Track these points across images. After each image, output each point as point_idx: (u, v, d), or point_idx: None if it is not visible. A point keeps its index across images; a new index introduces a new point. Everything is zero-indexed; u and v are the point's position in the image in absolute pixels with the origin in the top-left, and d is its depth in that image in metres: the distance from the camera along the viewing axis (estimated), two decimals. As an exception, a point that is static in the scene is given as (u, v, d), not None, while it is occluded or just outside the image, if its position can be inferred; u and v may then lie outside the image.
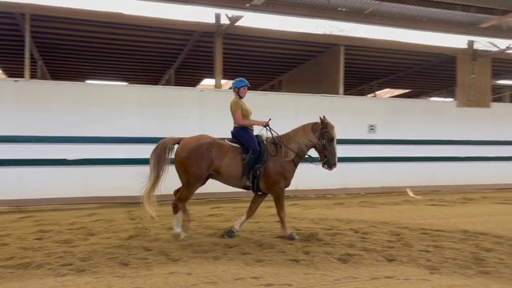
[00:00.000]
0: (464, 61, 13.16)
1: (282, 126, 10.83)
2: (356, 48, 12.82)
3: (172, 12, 10.04)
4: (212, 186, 10.21)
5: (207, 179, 6.16)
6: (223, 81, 17.61)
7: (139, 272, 4.49)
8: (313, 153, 6.27)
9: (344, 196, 11.16)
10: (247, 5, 8.19)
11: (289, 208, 9.05)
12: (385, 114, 12.19)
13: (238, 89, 6.31)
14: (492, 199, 10.70)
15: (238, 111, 6.18)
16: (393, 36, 12.33)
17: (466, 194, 11.67)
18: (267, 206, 9.06)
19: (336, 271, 4.60)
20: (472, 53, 13.18)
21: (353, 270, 4.62)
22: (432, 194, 11.78)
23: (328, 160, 6.05)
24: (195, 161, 5.82)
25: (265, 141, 6.18)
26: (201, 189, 9.98)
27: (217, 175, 6.04)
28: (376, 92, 19.93)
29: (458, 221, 7.61)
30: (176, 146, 6.08)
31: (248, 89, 6.46)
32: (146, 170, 9.75)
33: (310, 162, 6.31)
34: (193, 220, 7.53)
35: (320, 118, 6.14)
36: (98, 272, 4.46)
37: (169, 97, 10.28)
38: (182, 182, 6.01)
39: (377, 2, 10.12)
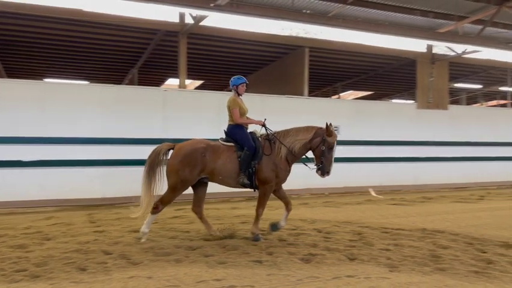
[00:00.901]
0: (423, 64, 13.60)
1: (249, 125, 10.89)
2: (320, 51, 12.99)
3: (134, 10, 9.85)
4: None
5: (205, 183, 6.14)
6: (187, 81, 17.48)
7: (97, 277, 4.34)
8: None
9: (308, 196, 11.26)
10: (212, 4, 8.13)
11: (253, 209, 9.04)
12: (349, 116, 12.40)
13: (237, 86, 6.27)
14: (450, 198, 11.08)
15: (236, 109, 6.12)
16: (356, 39, 12.59)
17: (426, 193, 12.05)
18: (232, 207, 9.07)
19: (298, 271, 4.61)
20: (431, 57, 13.64)
21: (315, 270, 4.65)
22: (393, 193, 12.08)
23: (323, 167, 6.03)
24: (187, 166, 5.77)
25: (259, 138, 6.17)
26: (164, 191, 9.98)
27: (212, 177, 6.00)
28: (340, 94, 20.30)
29: (418, 220, 7.83)
30: (171, 152, 6.06)
31: (218, 89, 6.41)
32: (107, 171, 9.63)
33: (304, 163, 6.28)
34: (156, 222, 7.40)
35: (326, 124, 6.08)
36: (53, 278, 4.28)
37: (132, 97, 10.05)
38: (168, 185, 5.91)
39: (341, 5, 10.31)
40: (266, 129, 6.25)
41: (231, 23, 10.99)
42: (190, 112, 10.40)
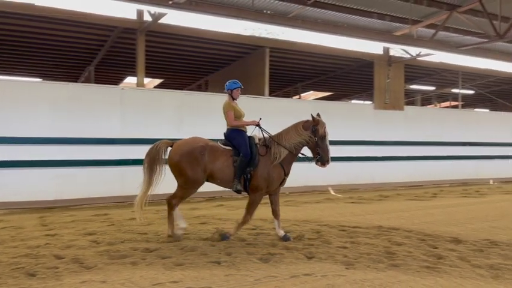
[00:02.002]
0: (380, 66, 13.99)
1: (209, 127, 10.80)
2: (281, 51, 13.08)
3: (91, 6, 9.56)
4: (134, 188, 9.90)
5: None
6: (147, 80, 17.15)
7: (47, 282, 4.16)
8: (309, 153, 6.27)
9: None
10: (170, 2, 8.00)
11: (215, 209, 9.00)
12: (309, 116, 12.53)
13: (231, 90, 6.26)
14: (405, 196, 11.45)
15: (231, 112, 6.11)
16: (316, 40, 12.77)
17: (382, 191, 12.40)
18: (192, 208, 8.96)
19: (257, 271, 4.61)
20: (388, 59, 14.05)
21: (273, 269, 4.66)
22: (352, 192, 12.35)
23: (321, 157, 6.03)
24: (188, 164, 5.76)
25: (258, 144, 6.12)
26: (122, 192, 9.74)
27: (211, 178, 5.97)
28: (301, 94, 20.53)
29: (374, 218, 8.03)
30: (169, 149, 6.03)
31: (179, 88, 6.31)
32: (61, 172, 9.27)
33: (304, 160, 6.29)
34: (112, 224, 7.21)
35: (312, 115, 6.10)
36: (1, 285, 4.07)
37: (87, 95, 9.72)
38: (178, 183, 5.96)
39: (301, 6, 10.42)
40: (261, 131, 6.21)
41: (191, 21, 10.88)
42: (149, 111, 10.19)
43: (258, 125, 6.23)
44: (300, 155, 6.27)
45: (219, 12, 8.56)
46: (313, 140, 6.00)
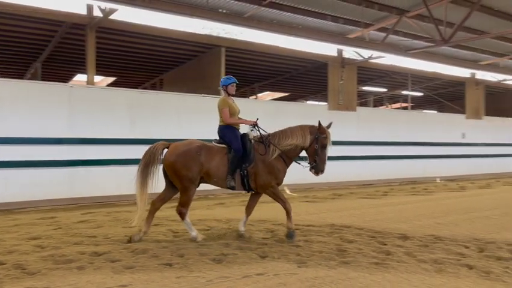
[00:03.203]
0: (334, 68, 14.29)
1: (163, 126, 10.61)
2: (237, 51, 13.05)
3: (36, -1, 9.10)
4: (83, 189, 9.55)
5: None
6: (99, 78, 16.61)
7: (-17, 291, 3.90)
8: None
9: (225, 196, 11.24)
10: (122, -3, 7.78)
11: (169, 210, 8.79)
12: (265, 116, 12.48)
13: (226, 86, 6.19)
14: (357, 194, 11.76)
15: (226, 108, 6.02)
16: (272, 41, 12.84)
17: (336, 190, 12.67)
18: (145, 210, 8.72)
19: (209, 272, 4.55)
20: (341, 61, 14.38)
21: (226, 270, 4.62)
22: (307, 191, 12.52)
23: (317, 165, 5.99)
24: (183, 164, 5.71)
25: (252, 140, 5.99)
26: (71, 194, 9.36)
27: (208, 178, 5.91)
28: (258, 95, 20.62)
29: (327, 216, 8.18)
30: (165, 151, 5.97)
31: (132, 87, 6.11)
32: (5, 174, 8.76)
33: (298, 163, 6.22)
34: (59, 228, 6.89)
35: (319, 123, 6.08)
36: None
37: (32, 93, 9.24)
38: (178, 187, 5.88)
39: (256, 6, 10.43)
40: (258, 130, 6.14)
41: (144, 18, 10.61)
42: (99, 110, 9.84)
43: (254, 124, 6.18)
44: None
45: (172, 10, 8.41)
46: (314, 147, 5.99)
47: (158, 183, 5.96)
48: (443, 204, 9.95)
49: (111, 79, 17.00)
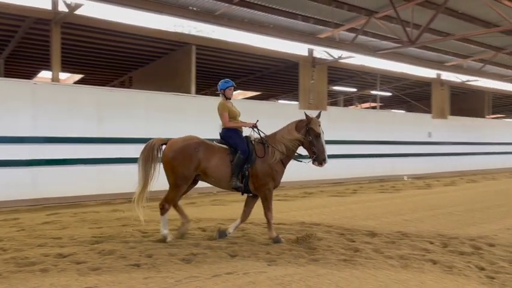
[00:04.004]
0: (305, 67, 14.40)
1: (132, 125, 10.41)
2: (209, 49, 12.95)
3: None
4: (48, 190, 9.25)
5: (195, 180, 5.99)
6: (65, 75, 16.16)
7: None
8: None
9: (196, 195, 11.12)
10: (88, -8, 7.57)
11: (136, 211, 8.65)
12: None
13: (224, 90, 6.13)
14: (328, 192, 11.90)
15: (225, 113, 5.99)
16: (244, 40, 12.80)
17: (307, 188, 12.78)
18: (113, 210, 8.56)
19: (178, 272, 4.50)
20: (312, 61, 14.50)
21: (195, 270, 4.58)
22: (278, 189, 12.46)
23: (317, 157, 5.92)
24: (181, 161, 5.68)
25: (253, 142, 5.97)
26: (35, 194, 9.05)
27: (205, 176, 5.86)
28: (228, 93, 20.50)
29: (298, 214, 8.23)
30: (164, 147, 5.94)
31: (100, 84, 5.94)
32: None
33: (300, 161, 6.16)
34: (22, 230, 6.66)
35: (305, 114, 6.02)
36: None
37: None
38: (169, 182, 5.82)
39: (227, 4, 10.38)
40: (258, 132, 6.10)
41: (112, 14, 10.36)
42: (65, 108, 9.56)
43: (254, 126, 6.13)
44: (296, 154, 6.19)
45: (141, 7, 8.25)
46: (308, 139, 5.93)
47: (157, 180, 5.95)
48: (410, 201, 10.20)
49: (78, 76, 16.57)
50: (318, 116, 6.08)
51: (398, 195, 11.39)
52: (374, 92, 21.02)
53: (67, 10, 9.25)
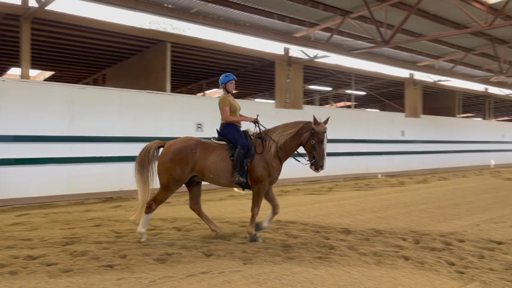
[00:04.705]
0: (281, 66, 14.46)
1: (105, 123, 10.22)
2: (184, 47, 12.83)
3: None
4: (17, 190, 8.99)
5: (192, 182, 5.99)
6: (35, 72, 15.73)
7: None
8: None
9: (172, 195, 11.02)
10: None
11: (111, 210, 8.52)
12: (212, 113, 12.44)
13: (225, 84, 6.09)
14: (303, 190, 11.97)
15: (226, 107, 5.96)
16: (220, 38, 12.76)
17: (283, 187, 12.82)
18: (86, 210, 8.38)
19: (152, 272, 4.44)
20: (288, 60, 14.57)
21: (170, 270, 4.53)
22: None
23: (315, 161, 5.87)
24: (178, 163, 5.63)
25: (252, 136, 5.92)
26: (4, 195, 8.77)
27: (202, 175, 5.81)
28: (206, 92, 20.44)
29: (274, 212, 8.23)
30: (161, 150, 5.90)
31: (72, 82, 5.79)
32: None
33: (297, 160, 6.14)
34: None
35: (314, 117, 5.94)
36: None
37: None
38: (161, 183, 5.76)
39: (203, 2, 10.31)
40: (258, 127, 6.06)
41: (83, 10, 10.16)
42: (35, 106, 9.29)
43: (255, 121, 6.09)
44: (296, 152, 6.17)
45: (114, 3, 8.08)
46: (311, 142, 5.90)
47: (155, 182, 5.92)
48: (384, 199, 10.38)
49: (49, 73, 16.14)
50: (326, 122, 6.07)
51: (372, 193, 11.57)
52: (348, 91, 21.29)
53: (37, 5, 8.98)
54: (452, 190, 12.30)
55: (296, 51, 14.50)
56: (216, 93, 22.24)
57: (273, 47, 13.98)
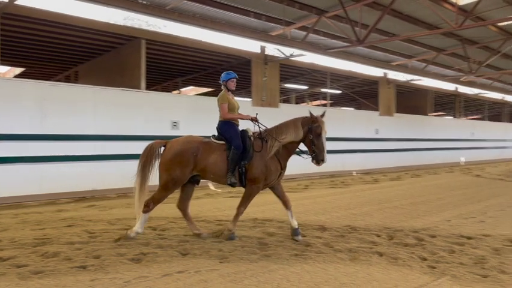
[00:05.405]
0: (257, 64, 14.46)
1: (78, 120, 9.99)
2: (160, 44, 12.67)
3: None
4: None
5: (197, 180, 6.01)
6: (4, 68, 15.24)
7: None
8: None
9: (146, 194, 10.88)
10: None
11: (85, 210, 8.35)
12: (187, 111, 12.41)
13: (226, 82, 6.08)
14: (280, 188, 12.01)
15: (225, 104, 5.94)
16: (196, 35, 12.65)
17: (259, 185, 12.83)
18: (58, 210, 8.18)
19: (127, 272, 4.38)
20: (264, 58, 14.59)
21: (145, 270, 4.47)
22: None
23: (316, 155, 5.85)
24: (178, 165, 5.64)
25: (251, 137, 5.80)
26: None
27: (204, 174, 5.83)
28: (181, 89, 20.25)
29: (251, 210, 8.21)
30: (162, 149, 5.90)
31: (44, 79, 5.62)
32: None
33: (299, 155, 6.10)
34: None
35: (310, 113, 5.91)
36: None
37: None
38: (160, 183, 5.77)
39: (178, -1, 10.20)
40: (258, 125, 6.00)
41: (55, 5, 9.88)
42: (5, 103, 9.02)
43: (254, 119, 6.04)
44: (297, 149, 6.14)
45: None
46: (309, 137, 5.88)
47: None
48: (359, 196, 10.54)
49: (19, 70, 15.68)
50: (323, 115, 6.08)
51: (348, 190, 11.72)
52: (324, 90, 21.51)
53: (6, 0, 8.69)
54: (425, 187, 12.60)
55: (272, 50, 14.53)
56: (192, 90, 22.10)
57: (249, 45, 13.97)
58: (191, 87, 21.38)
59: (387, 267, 4.65)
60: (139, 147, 10.57)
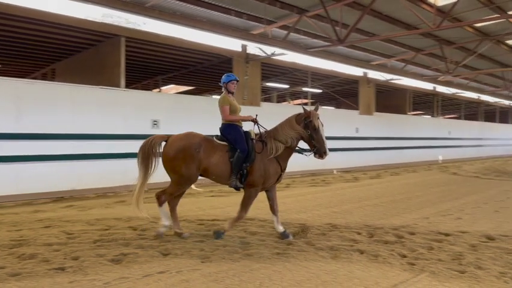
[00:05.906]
0: (239, 63, 14.43)
1: (55, 119, 9.79)
2: (139, 42, 12.49)
3: None
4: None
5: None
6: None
7: None
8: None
9: (126, 193, 10.74)
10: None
11: (63, 211, 8.19)
12: (168, 110, 12.29)
13: (226, 84, 6.06)
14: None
15: (226, 106, 5.90)
16: (176, 33, 12.53)
17: (241, 184, 12.82)
18: (34, 211, 8.00)
19: (107, 274, 4.31)
20: (245, 56, 14.56)
21: (125, 270, 4.41)
22: (212, 185, 12.44)
23: (318, 149, 5.81)
24: (183, 161, 5.59)
25: (254, 139, 5.74)
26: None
27: (206, 174, 5.79)
28: (162, 88, 20.05)
29: (233, 209, 8.14)
30: (164, 144, 5.84)
31: (20, 76, 5.47)
32: None
33: (301, 153, 6.02)
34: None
35: (303, 108, 5.85)
36: None
37: None
38: (172, 180, 5.77)
39: (159, -4, 10.09)
40: (258, 126, 5.94)
41: (32, 1, 9.65)
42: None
43: (254, 120, 5.97)
44: (297, 148, 6.09)
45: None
46: (307, 133, 5.81)
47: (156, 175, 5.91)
48: (339, 194, 10.63)
49: (-6, 67, 15.27)
50: (316, 108, 6.05)
51: (328, 189, 11.82)
52: (305, 89, 21.60)
53: (-21, -6, 8.46)
54: (404, 185, 12.80)
55: (254, 48, 14.51)
56: (172, 89, 21.90)
57: (230, 44, 13.91)
58: (171, 85, 21.18)
59: (368, 264, 4.70)
60: (118, 146, 10.52)
